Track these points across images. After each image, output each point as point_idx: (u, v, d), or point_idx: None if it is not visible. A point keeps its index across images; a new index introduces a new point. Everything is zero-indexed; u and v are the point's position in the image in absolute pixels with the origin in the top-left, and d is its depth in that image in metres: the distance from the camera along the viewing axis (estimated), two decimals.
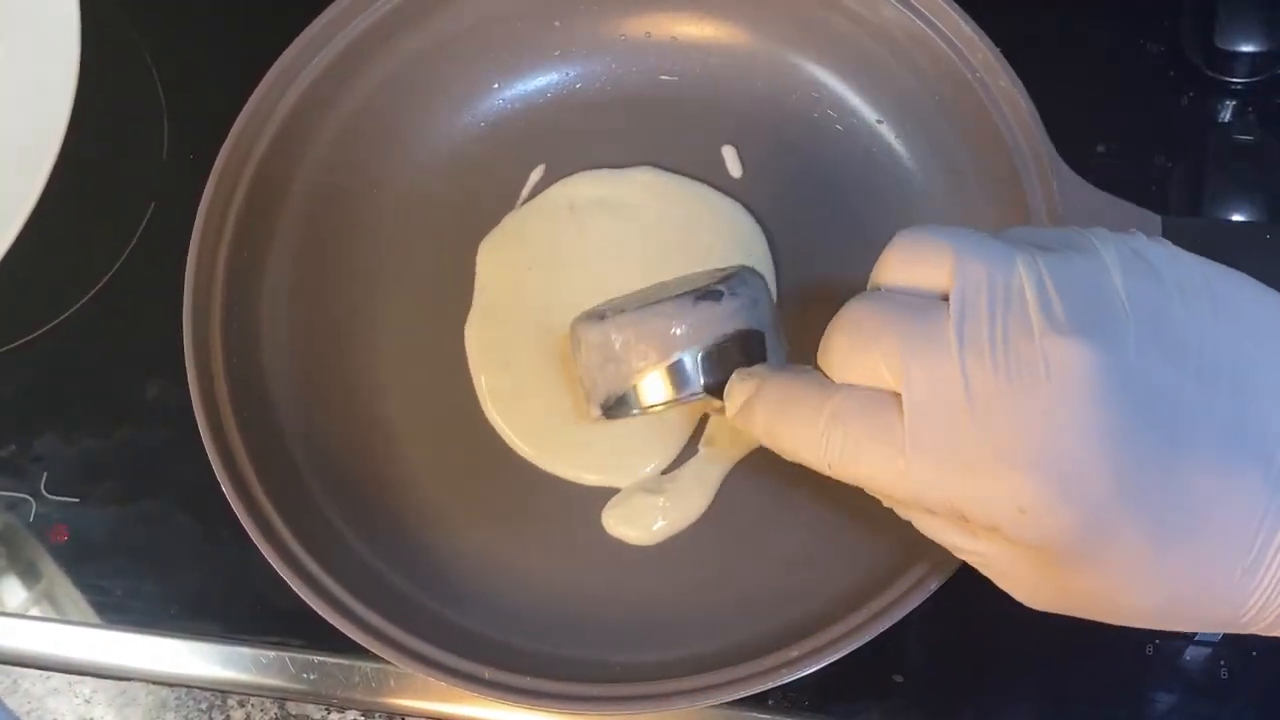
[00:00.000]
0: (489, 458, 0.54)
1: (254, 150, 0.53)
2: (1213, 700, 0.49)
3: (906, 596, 0.45)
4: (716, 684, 0.45)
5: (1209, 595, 0.34)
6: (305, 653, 0.53)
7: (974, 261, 0.34)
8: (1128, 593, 0.35)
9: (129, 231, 0.61)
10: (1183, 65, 0.58)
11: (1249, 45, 0.56)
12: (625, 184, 0.57)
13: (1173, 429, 0.33)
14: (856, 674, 0.50)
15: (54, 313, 0.60)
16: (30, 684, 0.56)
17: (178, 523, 0.57)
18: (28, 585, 0.57)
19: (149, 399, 0.59)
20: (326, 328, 0.55)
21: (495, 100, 0.59)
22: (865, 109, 0.57)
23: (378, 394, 0.55)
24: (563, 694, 0.46)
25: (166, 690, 0.55)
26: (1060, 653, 0.51)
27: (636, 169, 0.58)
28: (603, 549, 0.53)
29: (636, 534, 0.53)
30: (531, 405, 0.55)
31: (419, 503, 0.54)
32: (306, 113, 0.55)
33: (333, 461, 0.53)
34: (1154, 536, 0.33)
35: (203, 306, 0.51)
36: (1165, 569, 0.34)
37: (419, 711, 0.53)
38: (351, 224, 0.57)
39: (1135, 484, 0.32)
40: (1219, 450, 0.33)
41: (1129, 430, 0.32)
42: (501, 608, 0.51)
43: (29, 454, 0.59)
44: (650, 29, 0.59)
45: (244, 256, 0.53)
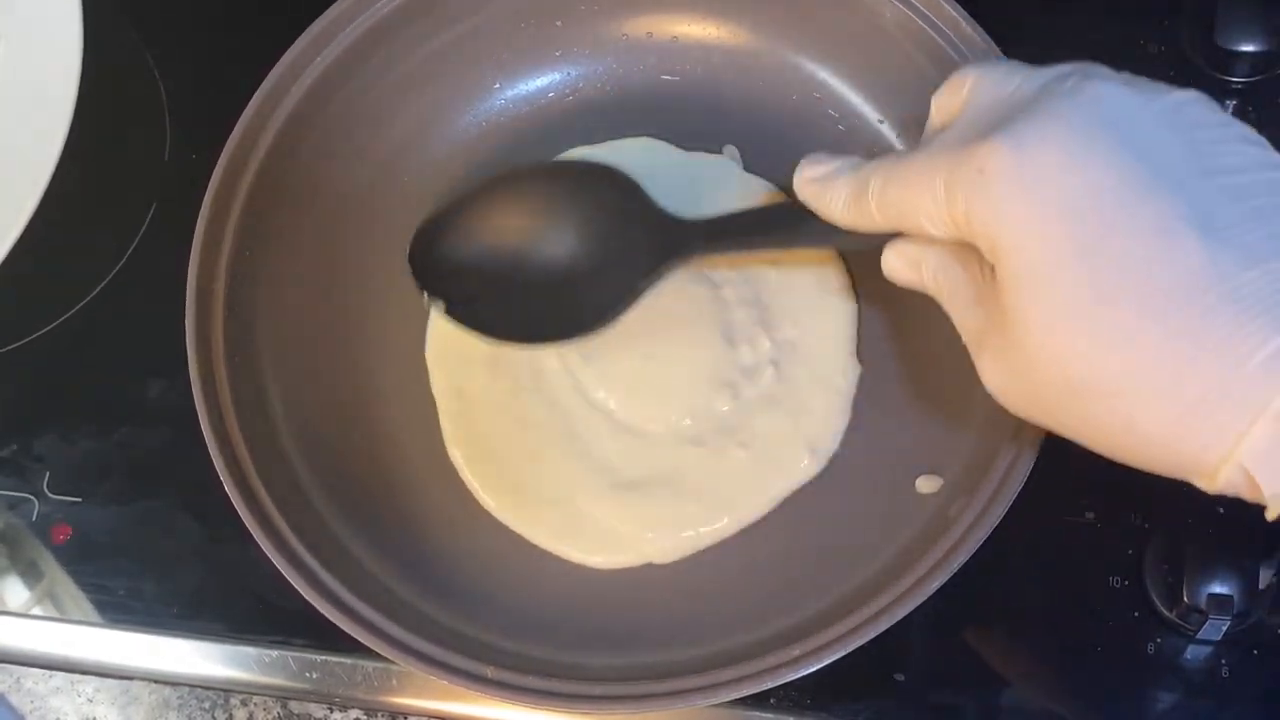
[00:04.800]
0: None
1: (256, 151, 0.53)
2: (1213, 700, 0.49)
3: (906, 596, 0.45)
4: (717, 683, 0.45)
5: (1155, 375, 0.35)
6: (307, 652, 0.53)
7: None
8: (1070, 355, 0.36)
9: (131, 232, 0.62)
10: (1183, 65, 0.58)
11: (1249, 45, 0.56)
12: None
13: (1120, 200, 0.35)
14: (856, 674, 0.50)
15: (56, 313, 0.60)
16: (33, 683, 0.56)
17: (180, 522, 0.57)
18: (30, 584, 0.57)
19: (151, 398, 0.59)
20: (328, 328, 0.56)
21: (496, 100, 0.59)
22: (867, 109, 0.57)
23: (379, 394, 0.55)
24: (564, 693, 0.46)
25: (169, 689, 0.55)
26: (1060, 653, 0.51)
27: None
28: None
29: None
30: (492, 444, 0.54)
31: (420, 502, 0.54)
32: (308, 113, 0.55)
33: (334, 461, 0.53)
34: (1092, 281, 0.35)
35: (205, 306, 0.51)
36: (1104, 327, 0.35)
37: (422, 710, 0.53)
38: (353, 224, 0.57)
39: (1074, 210, 0.36)
40: (1158, 219, 0.35)
41: (1100, 154, 0.36)
42: (502, 607, 0.51)
43: (31, 454, 0.59)
44: (651, 29, 0.59)
45: (246, 257, 0.53)
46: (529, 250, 0.52)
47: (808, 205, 0.45)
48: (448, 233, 0.52)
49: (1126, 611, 0.50)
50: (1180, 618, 0.49)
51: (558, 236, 0.52)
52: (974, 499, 0.46)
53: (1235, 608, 0.48)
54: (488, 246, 0.52)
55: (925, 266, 0.43)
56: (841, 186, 0.43)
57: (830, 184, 0.44)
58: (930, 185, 0.39)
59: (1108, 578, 0.51)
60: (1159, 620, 0.50)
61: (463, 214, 0.52)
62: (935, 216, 0.39)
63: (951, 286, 0.42)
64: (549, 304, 0.52)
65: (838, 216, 0.44)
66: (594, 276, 0.51)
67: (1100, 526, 0.52)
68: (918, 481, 0.51)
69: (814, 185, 0.45)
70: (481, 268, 0.52)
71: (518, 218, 0.52)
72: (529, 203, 0.52)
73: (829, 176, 0.44)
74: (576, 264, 0.51)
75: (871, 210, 0.42)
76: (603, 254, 0.51)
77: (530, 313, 0.52)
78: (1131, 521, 0.52)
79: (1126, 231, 0.35)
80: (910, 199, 0.40)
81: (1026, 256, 0.36)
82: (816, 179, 0.45)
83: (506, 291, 0.52)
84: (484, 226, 0.52)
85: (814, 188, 0.45)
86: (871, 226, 0.43)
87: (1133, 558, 0.51)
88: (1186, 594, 0.48)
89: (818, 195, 0.45)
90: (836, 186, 0.44)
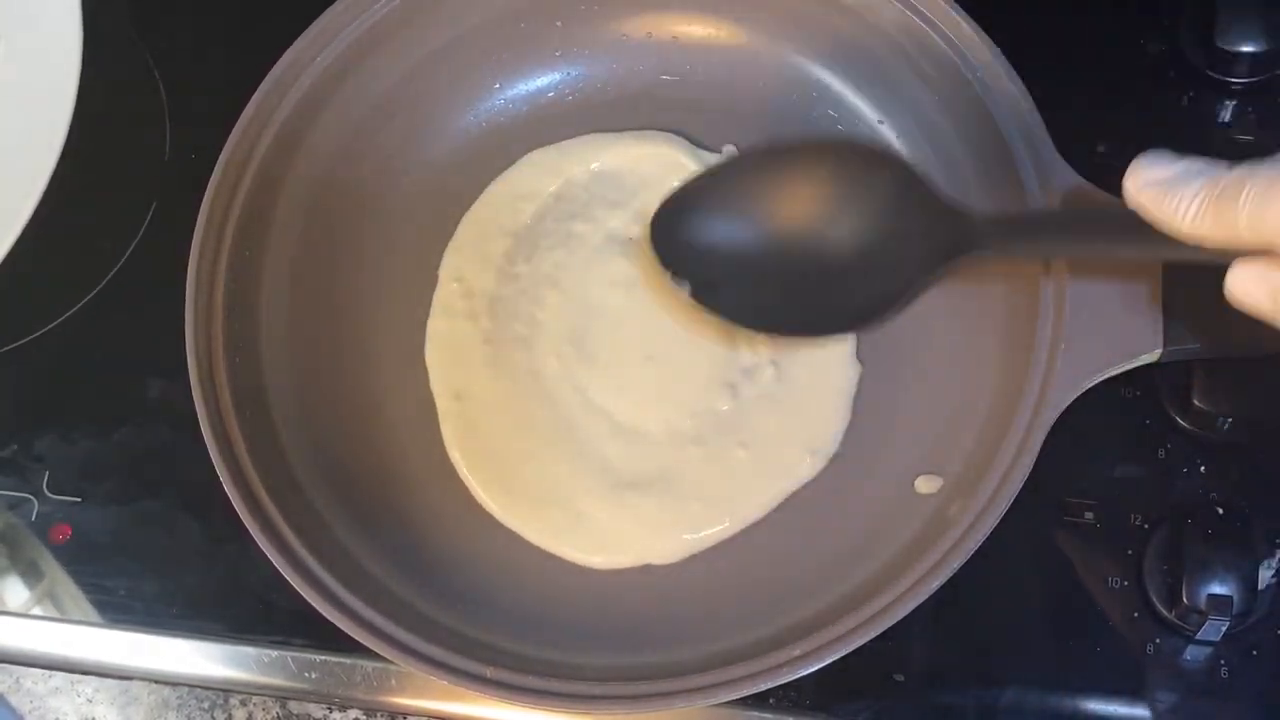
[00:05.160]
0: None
1: (255, 151, 0.53)
2: (1213, 700, 0.49)
3: (906, 596, 0.45)
4: (717, 683, 0.45)
5: None
6: (307, 652, 0.53)
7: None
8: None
9: (131, 232, 0.62)
10: (1183, 65, 0.58)
11: (1249, 45, 0.56)
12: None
13: None
14: (856, 674, 0.50)
15: (56, 312, 0.60)
16: (32, 683, 0.56)
17: (179, 522, 0.57)
18: (30, 584, 0.57)
19: (151, 398, 0.59)
20: (328, 327, 0.56)
21: (496, 100, 0.59)
22: (866, 109, 0.57)
23: (379, 394, 0.55)
24: (564, 693, 0.46)
25: (168, 689, 0.55)
26: (1060, 652, 0.51)
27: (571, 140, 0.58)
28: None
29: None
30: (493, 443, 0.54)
31: (420, 502, 0.54)
32: (308, 113, 0.55)
33: (334, 461, 0.53)
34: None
35: (204, 306, 0.51)
36: None
37: (421, 710, 0.53)
38: (353, 224, 0.57)
39: None
40: None
41: None
42: (502, 607, 0.51)
43: (30, 453, 0.59)
44: (651, 29, 0.59)
45: (245, 256, 0.53)
46: (787, 233, 0.48)
47: (1141, 209, 0.40)
48: (696, 210, 0.48)
49: (1126, 611, 0.50)
50: (1180, 618, 0.49)
51: (821, 222, 0.47)
52: (974, 499, 0.46)
53: (1235, 608, 0.48)
54: (737, 226, 0.48)
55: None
56: (1194, 193, 0.38)
57: (1178, 189, 0.38)
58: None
59: (1108, 578, 0.51)
60: (1159, 620, 0.50)
61: (713, 190, 0.48)
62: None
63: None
64: (809, 294, 0.48)
65: (1184, 227, 0.38)
66: (863, 269, 0.47)
67: (1100, 526, 0.52)
68: (918, 481, 0.51)
69: (1154, 189, 0.39)
70: (730, 249, 0.48)
71: (777, 199, 0.48)
72: (790, 183, 0.48)
73: (1176, 180, 0.39)
74: (843, 254, 0.47)
75: (1238, 222, 0.37)
76: (874, 246, 0.47)
77: (787, 301, 0.49)
78: (1131, 521, 0.52)
79: None
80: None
81: None
82: (1160, 182, 0.39)
83: (760, 278, 0.49)
84: (734, 205, 0.48)
85: (1153, 192, 0.39)
86: (1230, 241, 0.38)
87: (1133, 558, 0.51)
88: (1186, 594, 0.48)
89: (1159, 201, 0.39)
90: (1186, 193, 0.38)
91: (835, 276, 0.48)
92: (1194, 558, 0.48)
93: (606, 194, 0.57)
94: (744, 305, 0.49)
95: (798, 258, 0.48)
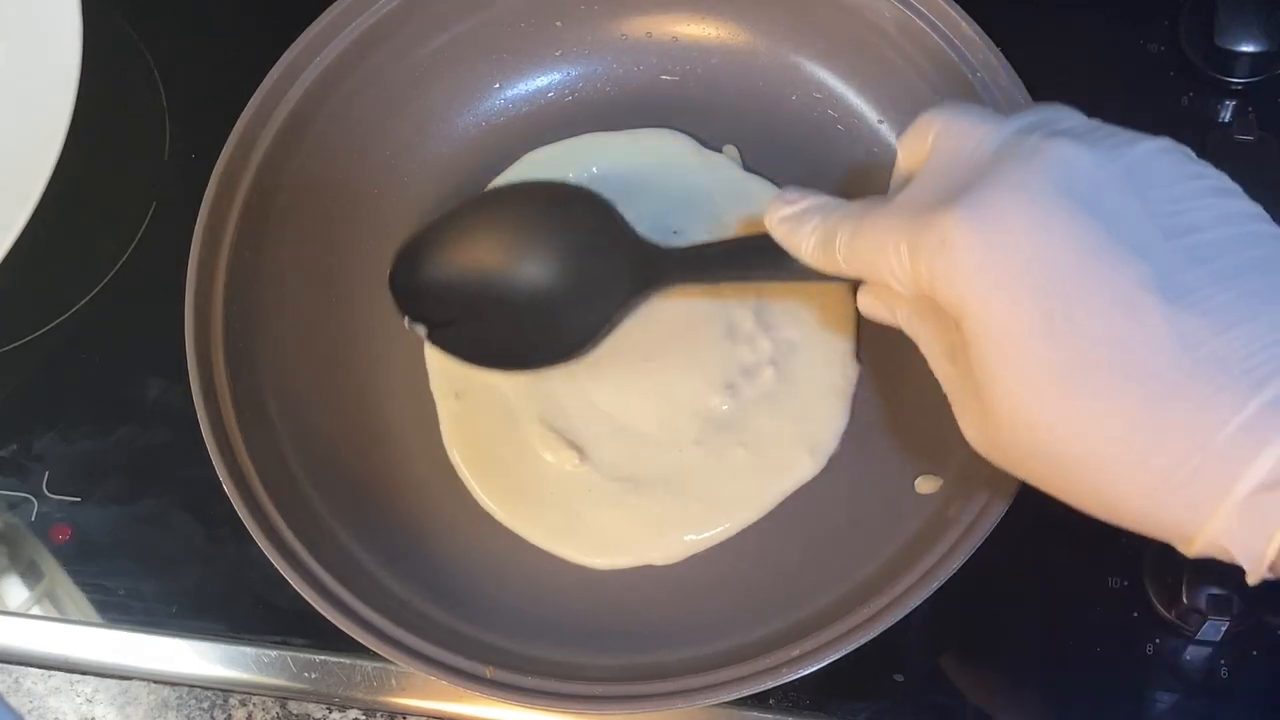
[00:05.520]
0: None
1: (255, 150, 0.53)
2: (1213, 700, 0.49)
3: (906, 596, 0.45)
4: (716, 683, 0.45)
5: (1124, 448, 0.35)
6: (307, 652, 0.53)
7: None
8: (1038, 425, 0.36)
9: (131, 231, 0.62)
10: (1183, 65, 0.58)
11: (1249, 45, 0.56)
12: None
13: (1082, 272, 0.35)
14: (856, 674, 0.50)
15: (56, 312, 0.60)
16: (32, 683, 0.56)
17: (179, 522, 0.57)
18: (29, 584, 0.57)
19: (151, 398, 0.59)
20: (328, 328, 0.56)
21: (496, 100, 0.59)
22: (867, 109, 0.57)
23: (379, 393, 0.55)
24: (564, 693, 0.46)
25: (168, 689, 0.55)
26: (1060, 653, 0.51)
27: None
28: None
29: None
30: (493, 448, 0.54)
31: (420, 502, 0.54)
32: (308, 113, 0.55)
33: (334, 461, 0.53)
34: (1057, 355, 0.35)
35: (204, 306, 0.51)
36: (1071, 400, 0.35)
37: (421, 710, 0.53)
38: (353, 224, 0.57)
39: (1037, 283, 0.35)
40: (1121, 289, 0.35)
41: (1060, 224, 0.35)
42: (502, 607, 0.51)
43: (30, 453, 0.59)
44: (651, 29, 0.59)
45: (245, 256, 0.53)
46: (507, 275, 0.52)
47: (779, 242, 0.45)
48: (426, 257, 0.52)
49: (1126, 611, 0.50)
50: (1180, 618, 0.49)
51: (534, 262, 0.52)
52: (973, 499, 0.46)
53: (1234, 608, 0.48)
54: (466, 270, 0.52)
55: (898, 314, 0.43)
56: (810, 232, 0.43)
57: (800, 226, 0.44)
58: (895, 248, 0.39)
59: (1108, 578, 0.51)
60: (1158, 620, 0.50)
61: (440, 238, 0.52)
62: (900, 278, 0.39)
63: (924, 340, 0.42)
64: (528, 329, 0.52)
65: (807, 259, 0.44)
66: (572, 302, 0.51)
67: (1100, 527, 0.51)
68: (917, 481, 0.51)
69: (785, 225, 0.44)
70: (460, 292, 0.52)
71: (494, 241, 0.52)
72: (505, 226, 0.52)
73: (799, 217, 0.44)
74: (554, 289, 0.52)
75: (839, 261, 0.42)
76: (580, 280, 0.51)
77: (510, 338, 0.52)
78: None
79: (1089, 304, 0.35)
80: (875, 257, 0.40)
81: (991, 329, 0.36)
82: (787, 219, 0.44)
83: (486, 316, 0.52)
84: (461, 250, 0.52)
85: (785, 228, 0.45)
86: (838, 272, 0.43)
87: (1133, 558, 0.51)
88: (1186, 594, 0.48)
89: (788, 236, 0.44)
90: (805, 231, 0.44)
91: (550, 311, 0.52)
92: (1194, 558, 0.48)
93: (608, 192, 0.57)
94: (476, 345, 0.52)
95: (517, 296, 0.52)
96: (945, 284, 0.37)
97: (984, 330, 0.36)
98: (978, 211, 0.36)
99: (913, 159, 0.43)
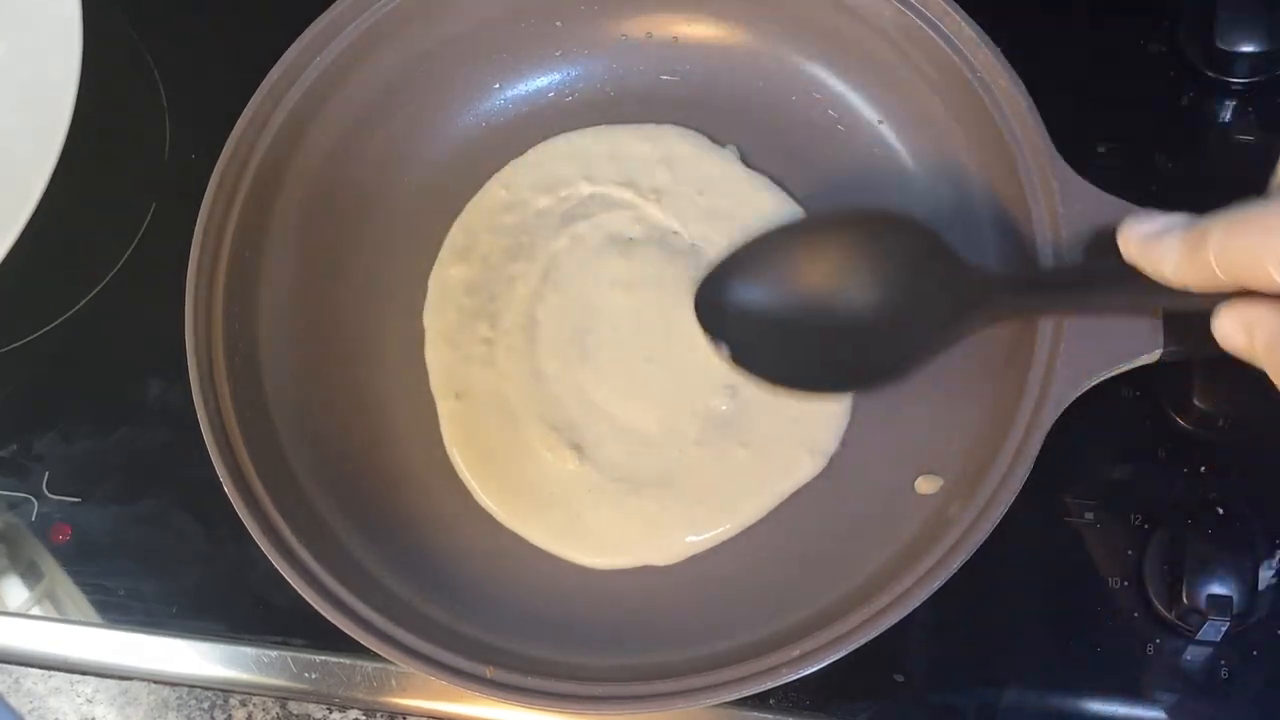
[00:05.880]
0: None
1: (255, 150, 0.53)
2: (1213, 700, 0.49)
3: (906, 596, 0.45)
4: (716, 684, 0.45)
5: None
6: (307, 652, 0.53)
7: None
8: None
9: (131, 231, 0.62)
10: (1183, 65, 0.58)
11: (1249, 45, 0.56)
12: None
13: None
14: (856, 674, 0.50)
15: (56, 312, 0.60)
16: (32, 683, 0.56)
17: (179, 522, 0.57)
18: (29, 584, 0.57)
19: (150, 398, 0.59)
20: (328, 328, 0.56)
21: (496, 100, 0.59)
22: (867, 109, 0.57)
23: (379, 393, 0.55)
24: (563, 693, 0.46)
25: (168, 689, 0.55)
26: (1060, 652, 0.51)
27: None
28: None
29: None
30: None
31: (420, 502, 0.54)
32: (308, 113, 0.55)
33: (334, 461, 0.53)
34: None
35: (204, 306, 0.51)
36: None
37: (421, 711, 0.53)
38: (353, 224, 0.57)
39: None
40: None
41: None
42: (501, 607, 0.51)
43: (30, 453, 0.59)
44: (651, 29, 0.59)
45: (245, 256, 0.53)
46: (817, 299, 0.50)
47: (1134, 263, 0.42)
48: (735, 279, 0.52)
49: (1126, 612, 0.50)
50: (1180, 618, 0.49)
51: (849, 288, 0.50)
52: (974, 499, 0.46)
53: (1235, 609, 0.48)
54: (774, 294, 0.51)
55: (1260, 332, 0.39)
56: (1175, 241, 0.40)
57: (1162, 239, 0.41)
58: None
59: (1108, 578, 0.51)
60: (1159, 621, 0.50)
61: (751, 261, 0.52)
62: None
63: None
64: (837, 354, 0.51)
65: (1169, 273, 0.40)
66: (886, 329, 0.50)
67: (1100, 526, 0.52)
68: (917, 481, 0.51)
69: (1143, 241, 0.41)
70: (766, 315, 0.51)
71: (806, 266, 0.51)
72: (819, 252, 0.51)
73: (1161, 232, 0.41)
74: (867, 315, 0.50)
75: (1210, 263, 0.38)
76: (896, 306, 0.49)
77: (816, 361, 0.51)
78: (1131, 521, 0.52)
79: None
80: (1258, 250, 0.37)
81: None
82: (1147, 235, 0.41)
83: (792, 340, 0.51)
84: (771, 274, 0.51)
85: (1143, 243, 0.41)
86: (1208, 283, 0.39)
87: (1133, 558, 0.51)
88: (1186, 595, 0.48)
89: (1146, 251, 0.41)
90: (1168, 241, 0.40)
91: (862, 336, 0.50)
92: (1194, 558, 0.48)
93: (611, 193, 0.57)
94: (779, 366, 0.51)
95: (828, 322, 0.50)
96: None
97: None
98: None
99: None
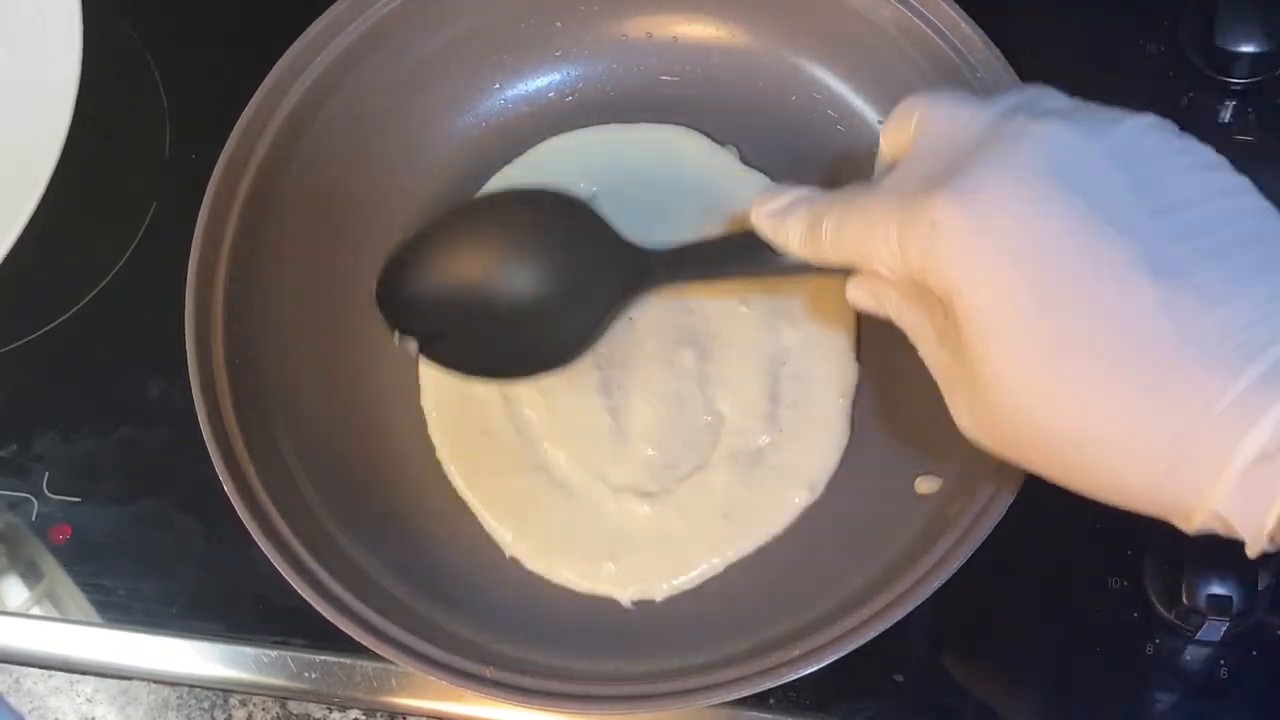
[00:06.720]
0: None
1: (256, 150, 0.53)
2: (1213, 700, 0.49)
3: (906, 596, 0.45)
4: (717, 683, 0.45)
5: (1119, 427, 0.35)
6: (307, 652, 0.53)
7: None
8: (1033, 406, 0.36)
9: (131, 231, 0.62)
10: (1183, 65, 0.58)
11: (1249, 45, 0.56)
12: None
13: (1072, 251, 0.35)
14: (856, 674, 0.50)
15: (56, 312, 0.60)
16: (32, 683, 0.56)
17: (179, 522, 0.57)
18: (29, 584, 0.57)
19: (151, 398, 0.59)
20: (329, 328, 0.56)
21: (497, 101, 0.59)
22: (867, 109, 0.57)
23: (378, 395, 0.55)
24: (563, 693, 0.46)
25: (168, 689, 0.55)
26: (1060, 653, 0.51)
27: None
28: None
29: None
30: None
31: (419, 502, 0.54)
32: (308, 113, 0.55)
33: (333, 462, 0.53)
34: (1049, 336, 0.35)
35: (204, 306, 0.51)
36: (1065, 380, 0.35)
37: (421, 711, 0.53)
38: (353, 225, 0.57)
39: (1028, 264, 0.35)
40: (1111, 268, 0.35)
41: (1049, 204, 0.36)
42: (501, 607, 0.51)
43: (30, 453, 0.59)
44: (651, 30, 0.59)
45: (245, 256, 0.53)
46: (493, 284, 0.51)
47: (765, 239, 0.45)
48: (412, 269, 0.52)
49: (1126, 612, 0.50)
50: (1179, 618, 0.49)
51: (519, 269, 0.51)
52: (974, 499, 0.46)
53: (1234, 608, 0.48)
54: (452, 281, 0.52)
55: (888, 302, 0.42)
56: (796, 222, 0.43)
57: (786, 218, 0.44)
58: (884, 233, 0.39)
59: (1108, 578, 0.51)
60: (1159, 621, 0.50)
61: (425, 250, 0.52)
62: (890, 264, 0.39)
63: (915, 326, 0.42)
64: (516, 338, 0.52)
65: (795, 250, 0.44)
66: (559, 309, 0.51)
67: (1100, 526, 0.52)
68: (917, 482, 0.51)
69: (771, 219, 0.45)
70: (449, 304, 0.52)
71: (479, 251, 0.52)
72: (489, 235, 0.52)
73: (785, 210, 0.44)
74: (541, 297, 0.51)
75: (826, 248, 0.42)
76: (566, 286, 0.51)
77: (499, 348, 0.52)
78: (1131, 521, 0.51)
79: (1080, 283, 0.35)
80: (863, 242, 0.40)
81: (983, 311, 0.36)
82: (773, 213, 0.45)
83: (476, 327, 0.52)
84: (447, 261, 0.52)
85: (771, 221, 0.45)
86: (826, 262, 0.43)
87: (1133, 558, 0.51)
88: (1186, 595, 0.48)
89: (774, 229, 0.45)
90: (791, 222, 0.44)
91: (537, 319, 0.51)
92: (1194, 558, 0.48)
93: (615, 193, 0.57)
94: (466, 355, 0.52)
95: (504, 305, 0.51)
96: (936, 267, 0.37)
97: (975, 312, 0.37)
98: (967, 194, 0.37)
99: (896, 145, 0.43)
